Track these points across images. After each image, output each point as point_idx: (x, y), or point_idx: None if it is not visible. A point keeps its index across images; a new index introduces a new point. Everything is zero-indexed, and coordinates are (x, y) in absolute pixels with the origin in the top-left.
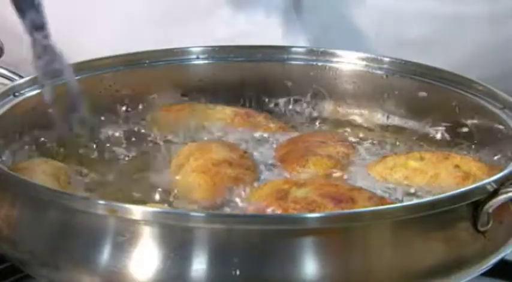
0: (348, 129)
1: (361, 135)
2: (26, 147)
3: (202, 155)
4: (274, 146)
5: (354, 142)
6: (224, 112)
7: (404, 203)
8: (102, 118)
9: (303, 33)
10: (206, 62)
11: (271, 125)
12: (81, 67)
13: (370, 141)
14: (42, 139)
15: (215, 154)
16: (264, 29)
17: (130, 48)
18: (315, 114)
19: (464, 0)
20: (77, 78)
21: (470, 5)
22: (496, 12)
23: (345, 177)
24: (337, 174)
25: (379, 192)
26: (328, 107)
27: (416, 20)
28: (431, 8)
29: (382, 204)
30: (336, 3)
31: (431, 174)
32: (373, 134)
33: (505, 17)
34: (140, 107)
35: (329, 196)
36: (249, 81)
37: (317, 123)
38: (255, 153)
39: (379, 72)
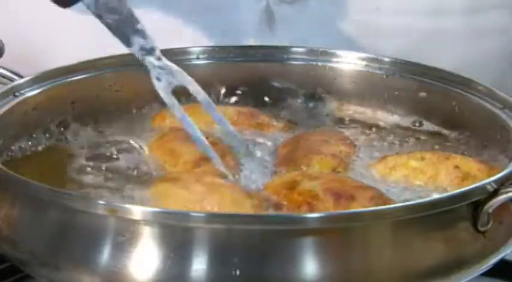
0: (348, 129)
1: (361, 135)
2: (26, 147)
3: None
4: (278, 144)
5: (355, 141)
6: (227, 112)
7: (404, 203)
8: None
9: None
10: (206, 62)
11: (275, 124)
12: (81, 67)
13: (370, 140)
14: (42, 139)
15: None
16: (237, 42)
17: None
18: (315, 114)
19: (443, 15)
20: (77, 78)
21: (449, 20)
22: (474, 26)
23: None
24: (340, 173)
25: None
26: (328, 107)
27: (395, 34)
28: (409, 22)
29: (384, 204)
30: (310, 17)
31: (431, 174)
32: (373, 133)
33: (483, 31)
34: (141, 107)
35: (331, 191)
36: (249, 81)
37: (317, 123)
38: (258, 153)
39: (379, 72)
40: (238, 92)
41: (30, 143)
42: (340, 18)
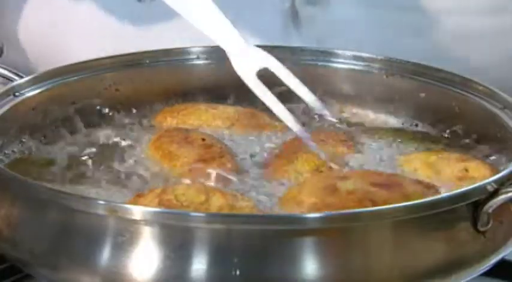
0: (348, 129)
1: (360, 135)
2: (26, 147)
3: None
4: (278, 144)
5: (356, 142)
6: (228, 112)
7: (405, 203)
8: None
9: (301, 44)
10: (206, 62)
11: (276, 124)
12: (81, 67)
13: (369, 140)
14: (42, 139)
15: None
16: (262, 40)
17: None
18: (315, 114)
19: (470, 13)
20: (77, 78)
21: (476, 18)
22: (502, 25)
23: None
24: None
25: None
26: (328, 107)
27: (419, 33)
28: (433, 21)
29: (428, 188)
30: (332, 16)
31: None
32: (373, 133)
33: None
34: (141, 107)
35: (379, 184)
36: None
37: (317, 123)
38: (260, 152)
39: (379, 72)
40: (239, 92)
41: (30, 143)
42: (361, 16)
